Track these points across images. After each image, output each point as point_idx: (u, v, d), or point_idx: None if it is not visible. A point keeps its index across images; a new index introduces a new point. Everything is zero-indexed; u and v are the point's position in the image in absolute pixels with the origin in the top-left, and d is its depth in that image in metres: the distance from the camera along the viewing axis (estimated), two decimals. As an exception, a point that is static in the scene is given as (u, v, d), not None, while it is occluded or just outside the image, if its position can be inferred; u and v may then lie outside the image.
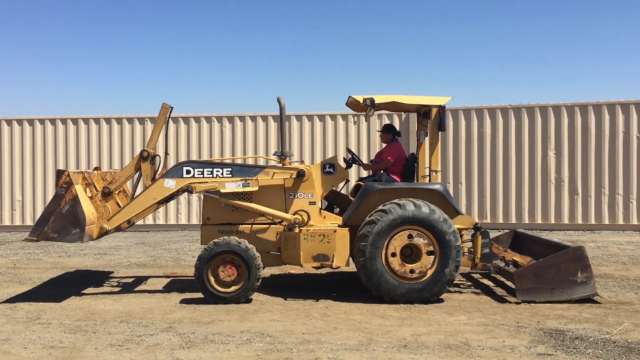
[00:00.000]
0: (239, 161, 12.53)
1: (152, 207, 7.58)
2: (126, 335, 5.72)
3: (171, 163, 13.64)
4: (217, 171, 7.43)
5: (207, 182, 7.39)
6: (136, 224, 8.15)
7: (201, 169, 7.43)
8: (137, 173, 7.73)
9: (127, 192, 8.34)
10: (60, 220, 7.03)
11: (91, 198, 7.37)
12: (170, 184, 7.38)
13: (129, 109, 30.86)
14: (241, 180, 7.40)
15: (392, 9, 33.81)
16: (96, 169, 7.86)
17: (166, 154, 8.11)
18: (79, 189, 7.09)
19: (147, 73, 37.08)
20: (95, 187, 7.56)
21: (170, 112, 7.75)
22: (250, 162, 13.90)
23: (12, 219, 15.21)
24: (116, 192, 7.79)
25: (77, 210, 6.98)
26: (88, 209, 7.11)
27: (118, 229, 7.54)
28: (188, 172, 7.41)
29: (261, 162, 13.41)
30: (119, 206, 7.68)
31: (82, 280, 8.65)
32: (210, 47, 35.13)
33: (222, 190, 7.38)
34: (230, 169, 7.46)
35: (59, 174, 7.15)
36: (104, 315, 6.56)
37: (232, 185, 7.39)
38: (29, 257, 11.05)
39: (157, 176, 7.66)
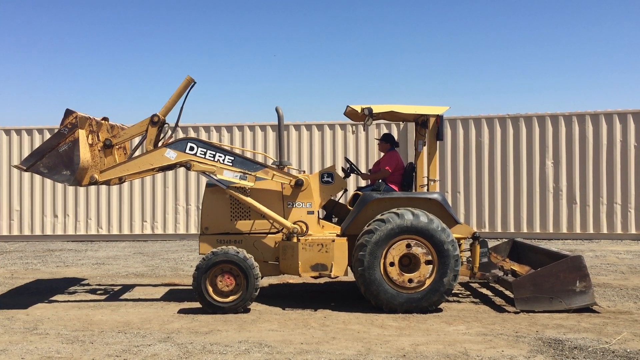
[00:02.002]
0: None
1: (146, 172, 7.57)
2: (124, 346, 5.69)
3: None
4: (219, 156, 7.39)
5: (206, 163, 7.34)
6: (134, 233, 8.10)
7: (204, 150, 7.39)
8: (142, 136, 7.63)
9: (128, 150, 8.29)
10: (55, 158, 6.99)
11: (91, 146, 7.29)
12: (171, 155, 7.34)
13: (129, 119, 30.92)
14: (240, 171, 7.36)
15: (391, 19, 34.00)
16: (104, 119, 7.81)
17: (176, 125, 7.91)
18: (81, 133, 7.04)
19: (146, 83, 37.18)
20: (98, 137, 7.49)
21: (192, 87, 7.53)
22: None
23: (10, 229, 15.17)
24: (117, 147, 7.73)
25: (74, 154, 6.94)
26: (85, 155, 7.05)
27: (107, 182, 7.53)
28: (191, 148, 7.37)
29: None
30: (116, 161, 7.62)
31: (79, 290, 8.62)
32: (208, 57, 35.27)
33: (219, 176, 7.32)
34: (232, 158, 7.42)
35: (67, 113, 7.09)
36: (101, 325, 6.54)
37: (230, 174, 7.34)
38: (26, 267, 11.01)
39: (160, 144, 7.59)
